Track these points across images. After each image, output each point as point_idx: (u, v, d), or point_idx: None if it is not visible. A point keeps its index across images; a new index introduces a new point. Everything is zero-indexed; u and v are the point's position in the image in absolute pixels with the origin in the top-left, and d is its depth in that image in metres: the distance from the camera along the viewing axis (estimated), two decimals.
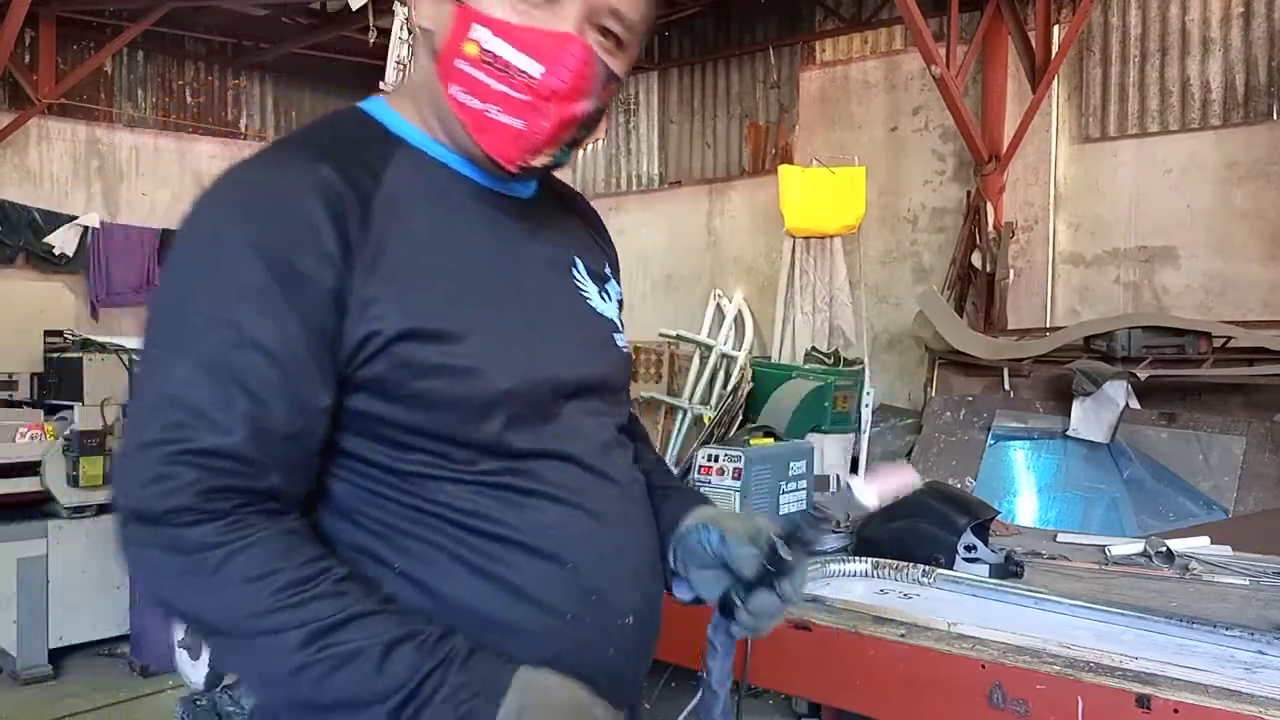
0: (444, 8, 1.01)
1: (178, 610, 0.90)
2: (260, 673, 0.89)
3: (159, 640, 4.59)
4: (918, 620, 2.10)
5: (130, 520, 0.88)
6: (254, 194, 0.94)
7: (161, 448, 0.86)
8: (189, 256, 0.93)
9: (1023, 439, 6.61)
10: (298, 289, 0.90)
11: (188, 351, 0.88)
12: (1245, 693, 1.67)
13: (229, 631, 0.86)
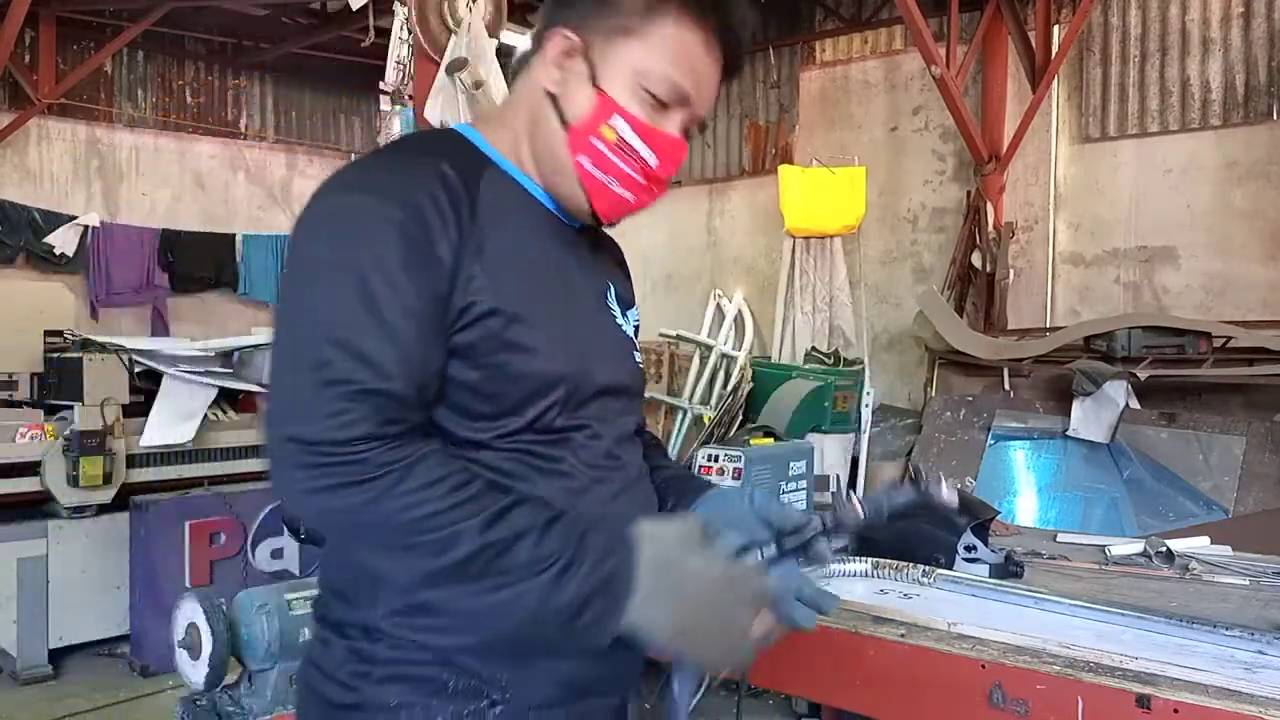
0: (585, 88, 1.18)
1: (359, 520, 1.03)
2: (437, 564, 1.03)
3: (159, 640, 4.59)
4: (918, 620, 2.10)
5: (306, 449, 1.01)
6: (394, 181, 1.11)
7: (340, 386, 1.02)
8: (342, 228, 1.08)
9: (1023, 439, 6.61)
10: (430, 264, 1.07)
11: (350, 305, 1.04)
12: (1245, 693, 1.67)
13: (409, 530, 1.02)
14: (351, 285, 1.04)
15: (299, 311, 1.08)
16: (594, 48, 1.18)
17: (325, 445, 1.01)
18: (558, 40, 1.19)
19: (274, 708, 2.16)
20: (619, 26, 1.17)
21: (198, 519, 4.81)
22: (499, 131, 1.25)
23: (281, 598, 2.21)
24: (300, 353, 1.05)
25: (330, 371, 1.02)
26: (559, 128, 1.19)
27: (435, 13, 2.69)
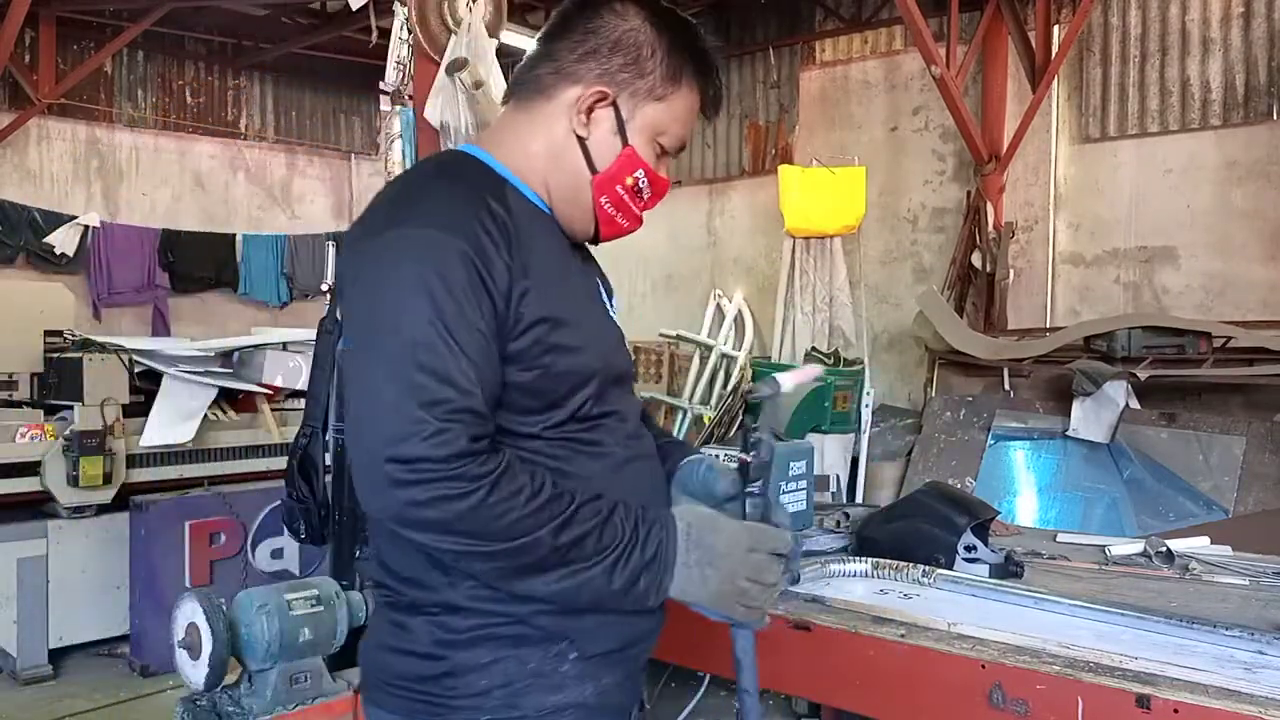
0: (612, 139, 1.36)
1: (454, 529, 1.16)
2: (516, 563, 1.19)
3: (159, 640, 4.59)
4: (918, 620, 2.10)
5: (408, 468, 1.13)
6: (454, 214, 1.23)
7: (435, 408, 1.14)
8: (416, 259, 1.20)
9: (1023, 439, 6.61)
10: (490, 287, 1.21)
11: (431, 331, 1.16)
12: (1245, 693, 1.67)
13: (497, 537, 1.16)
14: (430, 313, 1.17)
15: (381, 339, 1.19)
16: (622, 103, 1.35)
17: (426, 463, 1.13)
18: (593, 94, 1.34)
19: (274, 708, 2.15)
20: (646, 89, 1.36)
21: (198, 519, 4.81)
22: (509, 152, 1.37)
23: (281, 598, 2.21)
24: (390, 377, 1.16)
25: (423, 394, 1.14)
26: (585, 170, 1.36)
27: (435, 13, 2.69)
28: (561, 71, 1.35)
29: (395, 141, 2.81)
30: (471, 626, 1.27)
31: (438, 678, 1.27)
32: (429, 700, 1.28)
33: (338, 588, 2.36)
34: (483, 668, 1.27)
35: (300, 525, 3.25)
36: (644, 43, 1.36)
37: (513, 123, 1.40)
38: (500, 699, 1.27)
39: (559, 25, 1.38)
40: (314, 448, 3.28)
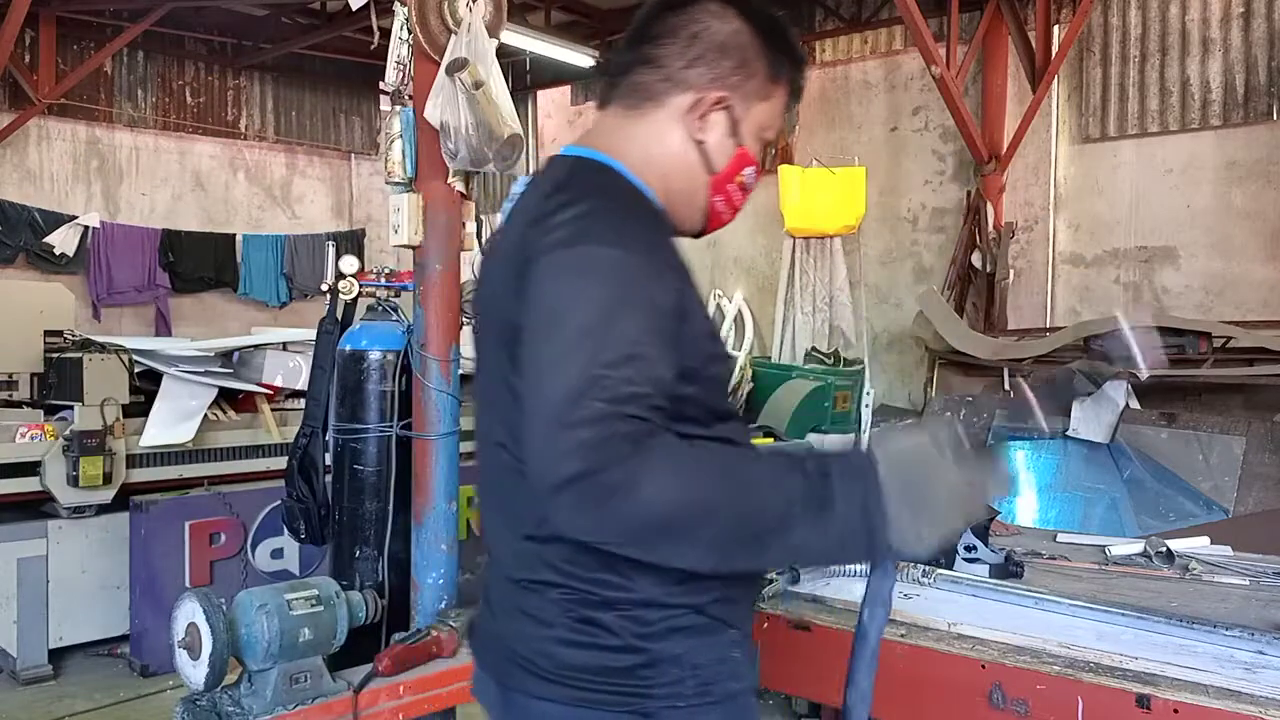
0: (726, 141, 1.41)
1: (655, 528, 1.16)
2: (738, 544, 1.19)
3: (159, 640, 4.59)
4: (918, 620, 2.10)
5: (621, 442, 1.13)
6: (639, 236, 1.29)
7: (639, 401, 1.16)
8: (610, 277, 1.23)
9: (1023, 439, 6.61)
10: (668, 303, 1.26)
11: (638, 330, 1.20)
12: (1245, 693, 1.67)
13: (700, 485, 1.16)
14: (629, 322, 1.20)
15: (575, 349, 1.19)
16: (734, 105, 1.39)
17: (634, 436, 1.14)
18: (712, 100, 1.38)
19: (274, 708, 2.15)
20: (755, 90, 1.41)
21: (198, 519, 4.80)
22: (631, 158, 1.40)
23: (281, 598, 2.21)
24: (564, 400, 1.16)
25: (628, 387, 1.16)
26: (703, 172, 1.41)
27: (435, 13, 2.69)
28: (672, 79, 1.38)
29: (395, 141, 2.80)
30: (662, 618, 1.31)
31: (633, 669, 1.30)
32: (620, 691, 1.31)
33: (338, 588, 2.36)
34: (676, 658, 1.31)
35: (300, 525, 3.25)
36: (747, 44, 1.39)
37: (627, 128, 1.41)
38: (693, 687, 1.32)
39: (656, 28, 1.40)
40: (314, 448, 3.29)
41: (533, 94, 12.16)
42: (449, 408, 2.83)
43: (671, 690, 1.31)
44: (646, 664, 1.31)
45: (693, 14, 1.38)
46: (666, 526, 1.15)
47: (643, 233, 1.30)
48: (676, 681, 1.31)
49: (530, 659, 1.36)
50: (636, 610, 1.30)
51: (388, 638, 2.59)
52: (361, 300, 3.23)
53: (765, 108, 1.43)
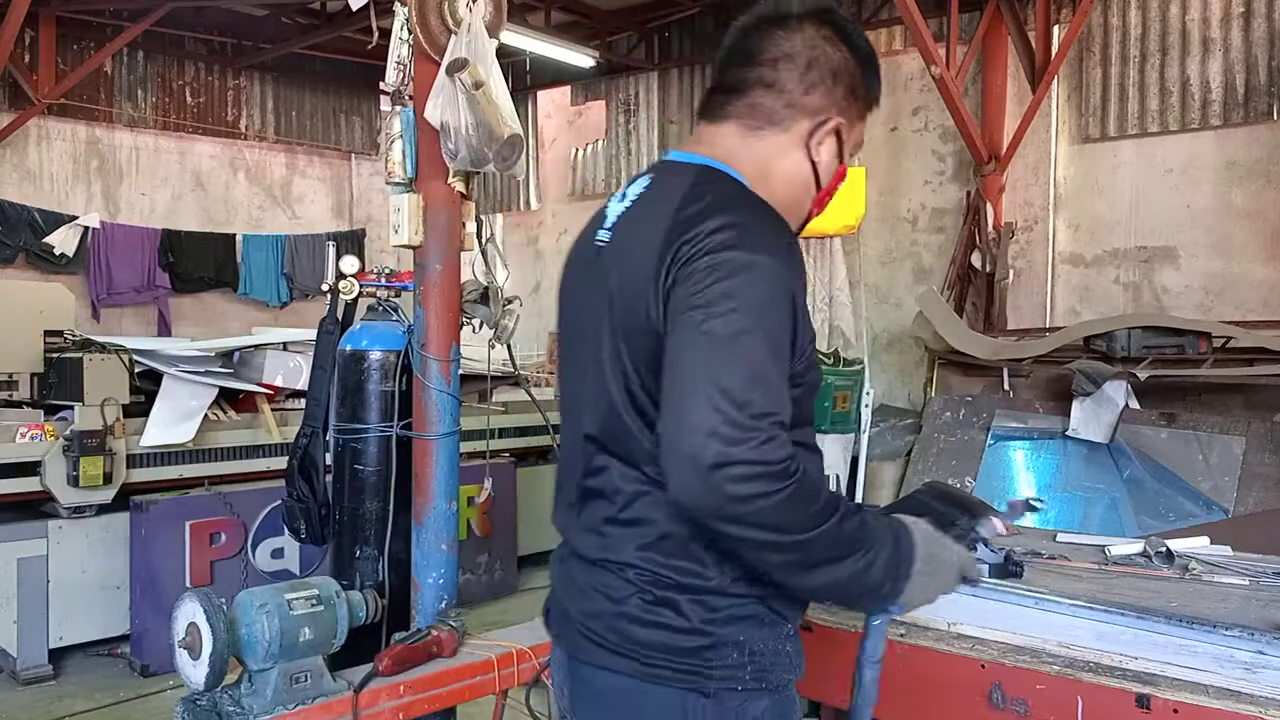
0: (834, 161, 1.54)
1: (767, 523, 1.29)
2: (817, 554, 1.33)
3: (159, 640, 4.59)
4: (917, 620, 2.10)
5: (749, 465, 1.25)
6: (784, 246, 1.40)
7: (769, 418, 1.27)
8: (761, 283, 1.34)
9: (1022, 439, 6.61)
10: (801, 313, 1.38)
11: (765, 350, 1.31)
12: (1245, 693, 1.67)
13: (800, 529, 1.30)
14: (767, 342, 1.32)
15: (724, 345, 1.30)
16: (843, 129, 1.53)
17: (764, 462, 1.26)
18: (832, 127, 1.51)
19: (274, 707, 2.15)
20: (858, 114, 1.56)
21: (198, 519, 4.81)
22: (745, 167, 1.49)
23: (282, 597, 2.21)
24: (728, 388, 1.27)
25: (761, 405, 1.27)
26: (813, 188, 1.54)
27: (435, 13, 2.69)
28: (794, 105, 1.49)
29: (395, 141, 2.80)
30: (728, 606, 1.43)
31: (697, 650, 1.41)
32: (682, 669, 1.42)
33: (338, 587, 2.36)
34: (738, 644, 1.43)
35: (301, 525, 3.25)
36: (854, 70, 1.53)
37: (749, 144, 1.50)
38: (751, 673, 1.43)
39: (768, 48, 1.48)
40: (314, 448, 3.29)
41: (533, 94, 12.16)
42: (449, 408, 2.84)
43: (730, 674, 1.42)
44: (709, 646, 1.41)
45: (806, 37, 1.48)
46: (809, 539, 1.31)
47: (782, 241, 1.42)
48: (736, 666, 1.42)
49: (600, 633, 1.46)
50: (706, 596, 1.42)
51: (388, 637, 2.59)
52: (362, 300, 3.23)
53: (861, 128, 1.59)
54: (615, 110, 11.49)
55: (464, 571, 5.25)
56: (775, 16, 1.50)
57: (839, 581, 1.36)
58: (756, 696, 1.44)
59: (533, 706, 2.67)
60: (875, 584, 1.38)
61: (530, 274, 12.23)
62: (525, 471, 6.41)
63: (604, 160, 11.61)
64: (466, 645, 2.59)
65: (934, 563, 1.45)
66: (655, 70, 11.01)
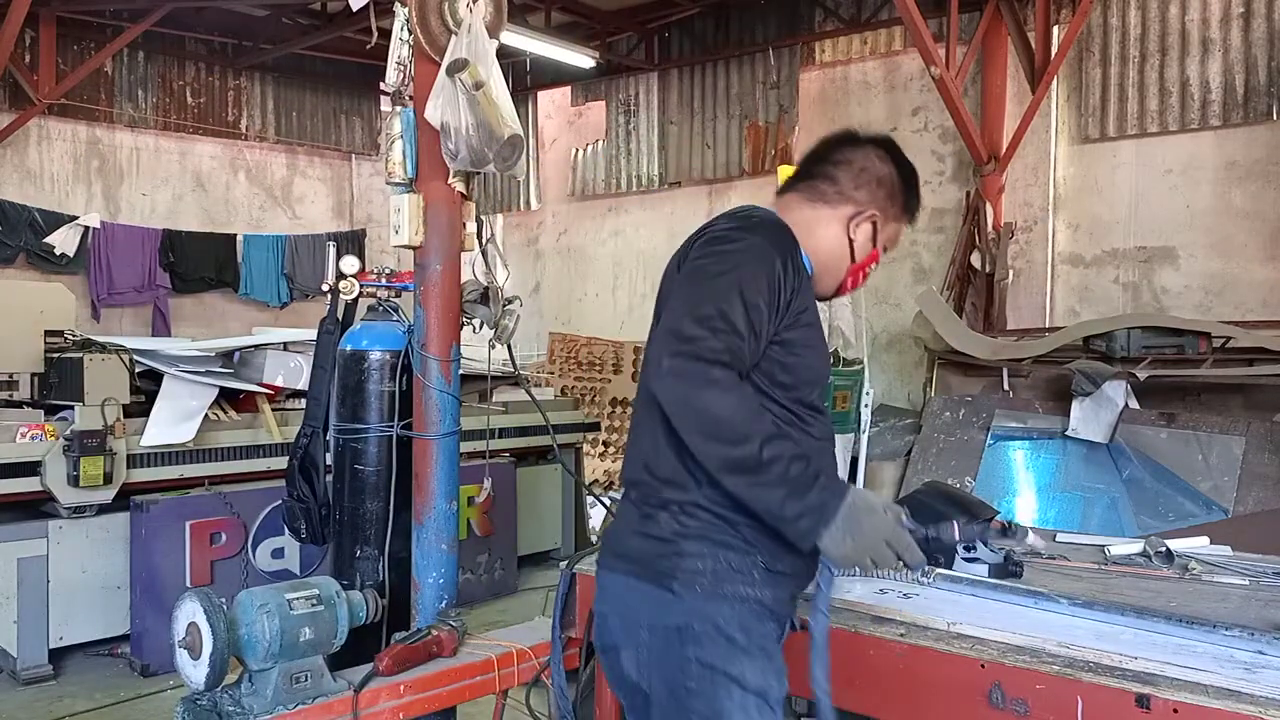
0: (868, 243, 2.02)
1: (693, 405, 1.65)
2: (728, 453, 1.64)
3: (159, 640, 4.59)
4: (917, 620, 2.10)
5: (689, 355, 1.64)
6: (778, 244, 1.83)
7: (713, 321, 1.66)
8: (752, 250, 1.79)
9: (1022, 439, 6.61)
10: (775, 288, 1.76)
11: (736, 291, 1.70)
12: (1245, 693, 1.67)
13: (721, 424, 1.63)
14: (739, 284, 1.71)
15: (710, 284, 1.73)
16: (878, 221, 2.00)
17: (698, 355, 1.64)
18: (869, 215, 1.99)
19: (274, 707, 2.15)
20: (893, 214, 2.02)
21: (198, 519, 4.81)
22: (798, 228, 1.96)
23: (282, 597, 2.21)
24: (703, 301, 1.70)
25: (715, 322, 1.67)
26: (847, 258, 2.01)
27: (435, 13, 2.69)
28: (844, 194, 1.99)
29: (396, 142, 2.80)
30: (699, 525, 1.78)
31: (669, 555, 1.78)
32: (656, 570, 1.78)
33: (338, 587, 2.36)
34: (701, 555, 1.77)
35: (301, 525, 3.25)
36: (895, 183, 2.01)
37: (804, 214, 2.00)
38: (710, 580, 1.76)
39: (837, 155, 2.01)
40: (315, 447, 3.29)
41: (533, 94, 12.16)
42: (449, 407, 2.84)
43: (691, 578, 1.76)
44: (679, 554, 1.77)
45: (865, 153, 2.00)
46: (705, 421, 1.64)
47: (781, 240, 1.85)
48: (697, 573, 1.76)
49: (611, 545, 1.91)
50: (684, 516, 1.78)
51: (388, 637, 2.60)
52: (362, 300, 3.23)
53: (894, 227, 2.04)
54: (615, 110, 11.49)
55: (464, 571, 5.25)
56: (848, 136, 2.04)
57: (755, 496, 1.65)
58: (715, 601, 1.75)
59: (533, 706, 2.68)
60: (792, 516, 1.64)
61: (530, 274, 12.23)
62: (525, 471, 6.41)
63: (604, 160, 11.62)
64: (466, 645, 2.60)
65: (856, 524, 1.63)
66: (655, 70, 11.02)
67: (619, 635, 1.86)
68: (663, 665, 1.78)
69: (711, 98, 10.61)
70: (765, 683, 1.76)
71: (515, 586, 6.28)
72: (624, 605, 1.84)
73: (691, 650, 1.74)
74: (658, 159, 11.10)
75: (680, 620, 1.75)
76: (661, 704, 1.79)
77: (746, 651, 1.75)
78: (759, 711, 1.75)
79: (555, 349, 10.29)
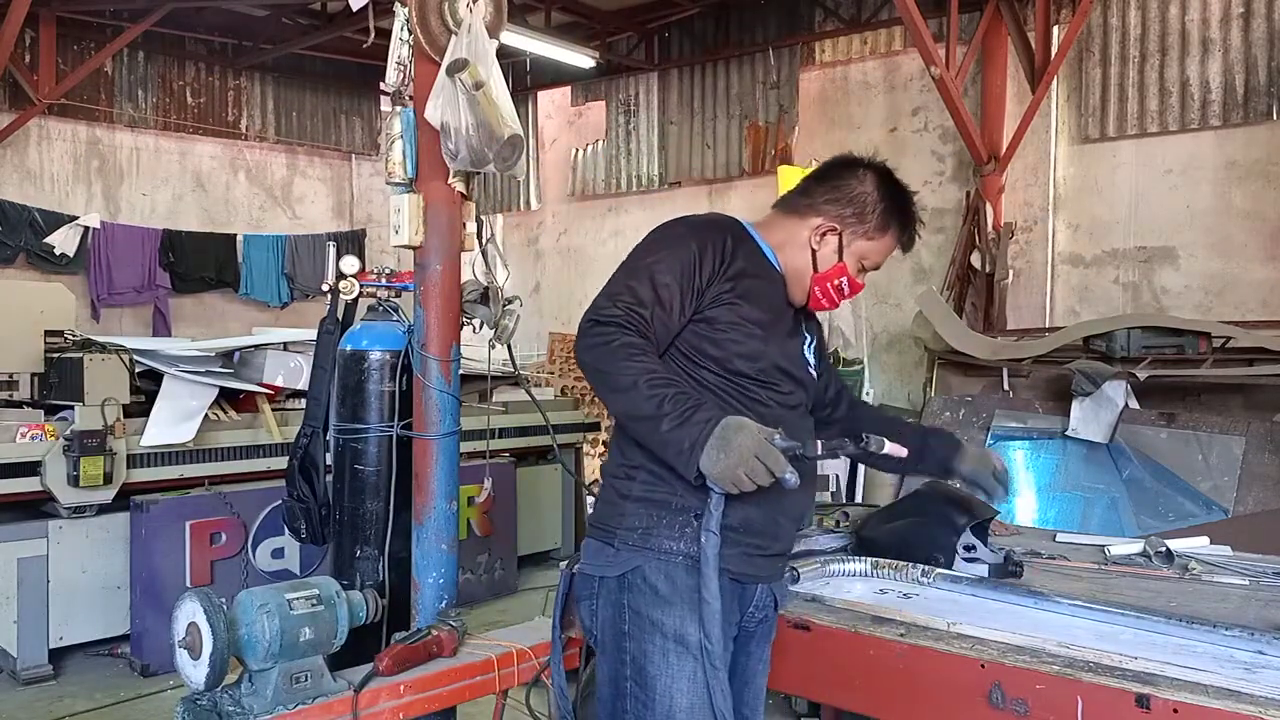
0: (833, 256, 2.13)
1: (589, 363, 1.88)
2: (625, 400, 1.84)
3: (159, 640, 4.59)
4: (917, 620, 2.10)
5: (590, 321, 1.89)
6: (703, 229, 2.05)
7: (619, 296, 1.91)
8: (666, 235, 2.04)
9: (1022, 439, 6.61)
10: (692, 271, 1.96)
11: (646, 270, 1.94)
12: (1245, 693, 1.67)
13: (613, 375, 1.83)
14: (650, 265, 1.95)
15: (626, 266, 1.99)
16: (844, 236, 2.12)
17: (601, 321, 1.87)
18: (826, 226, 2.12)
19: (274, 707, 2.15)
20: (862, 231, 2.14)
21: (198, 519, 4.81)
22: (773, 238, 2.16)
23: (282, 597, 2.21)
24: (618, 279, 1.95)
25: (621, 294, 1.91)
26: (810, 268, 2.13)
27: (435, 13, 2.69)
28: (814, 207, 2.15)
29: (396, 142, 2.80)
30: (641, 487, 2.00)
31: (611, 515, 2.03)
32: (604, 528, 2.04)
33: (338, 587, 2.36)
34: (636, 514, 1.99)
35: (301, 525, 3.25)
36: (870, 202, 2.12)
37: (781, 223, 2.19)
38: (639, 535, 1.99)
39: (823, 175, 2.18)
40: (315, 448, 3.29)
41: (533, 94, 12.16)
42: (449, 407, 2.83)
43: (625, 535, 2.00)
44: (620, 514, 2.02)
45: (850, 172, 2.16)
46: (602, 375, 1.86)
47: (708, 230, 2.05)
48: (629, 530, 2.00)
49: (590, 517, 2.17)
50: (628, 478, 2.01)
51: (388, 637, 2.59)
52: (362, 300, 3.23)
53: (868, 245, 2.15)
54: (615, 111, 11.49)
55: (464, 571, 5.26)
56: (845, 158, 2.21)
57: (629, 413, 1.85)
58: (641, 554, 1.98)
59: (533, 706, 2.68)
60: (665, 436, 1.81)
61: (530, 274, 12.23)
62: (525, 471, 6.41)
63: (604, 160, 11.62)
64: (466, 645, 2.59)
65: (727, 442, 1.77)
66: (655, 71, 11.01)
67: (580, 588, 2.11)
68: (607, 612, 2.02)
69: (711, 98, 10.61)
70: (683, 629, 1.95)
71: (515, 586, 6.28)
72: (584, 561, 2.09)
73: (626, 598, 1.99)
74: (658, 159, 11.10)
75: (618, 571, 1.99)
76: (606, 647, 2.04)
77: (669, 600, 1.96)
78: (676, 655, 1.95)
79: (555, 349, 10.29)
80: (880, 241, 2.16)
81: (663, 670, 1.94)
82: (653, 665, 1.95)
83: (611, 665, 2.02)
